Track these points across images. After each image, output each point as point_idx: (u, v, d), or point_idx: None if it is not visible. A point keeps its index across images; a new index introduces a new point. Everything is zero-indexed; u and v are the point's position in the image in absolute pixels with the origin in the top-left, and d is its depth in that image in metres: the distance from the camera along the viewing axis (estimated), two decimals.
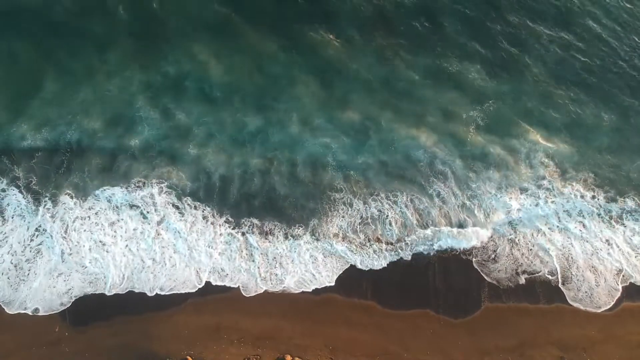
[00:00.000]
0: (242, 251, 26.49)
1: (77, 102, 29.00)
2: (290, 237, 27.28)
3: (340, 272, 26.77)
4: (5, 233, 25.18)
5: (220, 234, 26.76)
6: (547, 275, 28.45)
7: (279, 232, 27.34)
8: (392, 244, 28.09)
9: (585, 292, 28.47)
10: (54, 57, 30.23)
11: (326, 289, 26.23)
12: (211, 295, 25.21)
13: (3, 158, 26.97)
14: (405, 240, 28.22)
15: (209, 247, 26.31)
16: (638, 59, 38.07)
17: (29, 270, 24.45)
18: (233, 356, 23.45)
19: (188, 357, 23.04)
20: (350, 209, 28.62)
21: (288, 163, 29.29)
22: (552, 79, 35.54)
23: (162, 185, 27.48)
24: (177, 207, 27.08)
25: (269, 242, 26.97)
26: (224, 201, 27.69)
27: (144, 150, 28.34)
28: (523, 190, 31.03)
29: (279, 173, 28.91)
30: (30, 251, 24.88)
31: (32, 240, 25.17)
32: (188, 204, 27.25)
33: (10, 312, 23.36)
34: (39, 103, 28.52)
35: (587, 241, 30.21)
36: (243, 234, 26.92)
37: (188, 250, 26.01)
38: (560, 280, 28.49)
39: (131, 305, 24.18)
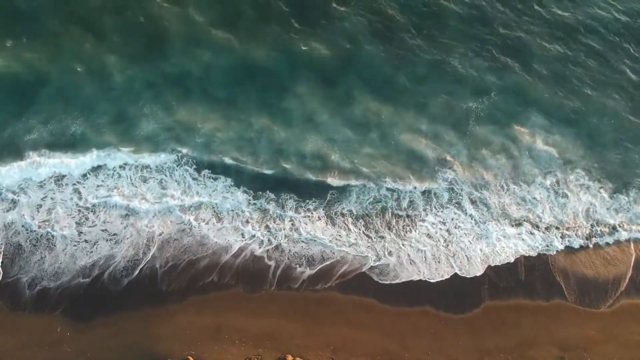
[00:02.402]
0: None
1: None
2: (301, 210, 27.97)
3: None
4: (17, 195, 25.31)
5: (240, 202, 27.49)
6: None
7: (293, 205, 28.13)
8: None
9: None
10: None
11: (326, 287, 26.34)
12: (212, 293, 25.17)
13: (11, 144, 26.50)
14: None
15: (236, 214, 27.15)
16: None
17: (42, 241, 24.67)
18: (234, 356, 23.53)
19: (189, 357, 23.13)
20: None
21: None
22: (555, 73, 35.47)
23: (179, 154, 27.66)
24: (195, 179, 27.38)
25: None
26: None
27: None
28: (530, 182, 31.20)
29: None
30: (45, 216, 25.01)
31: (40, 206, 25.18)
32: (207, 176, 27.60)
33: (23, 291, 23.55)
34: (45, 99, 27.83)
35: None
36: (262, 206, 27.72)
37: (216, 217, 26.88)
38: None
39: (133, 305, 24.14)
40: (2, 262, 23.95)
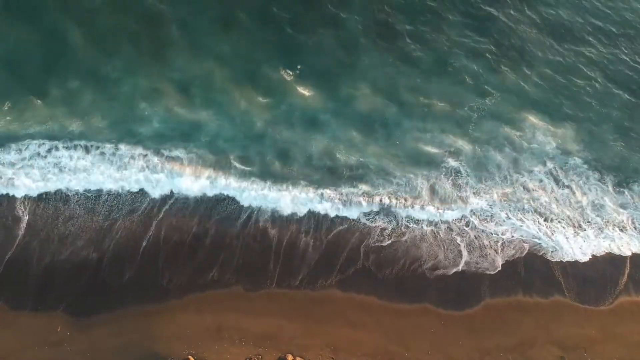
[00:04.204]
0: None
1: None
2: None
3: None
4: None
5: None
6: None
7: None
8: None
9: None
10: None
11: (326, 285, 26.33)
12: (212, 291, 25.12)
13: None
14: None
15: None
16: None
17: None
18: (234, 356, 23.55)
19: (190, 357, 23.16)
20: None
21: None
22: (557, 74, 35.34)
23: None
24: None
25: None
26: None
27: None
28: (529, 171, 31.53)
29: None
30: None
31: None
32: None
33: None
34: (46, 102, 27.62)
35: None
36: None
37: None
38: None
39: (133, 304, 24.09)
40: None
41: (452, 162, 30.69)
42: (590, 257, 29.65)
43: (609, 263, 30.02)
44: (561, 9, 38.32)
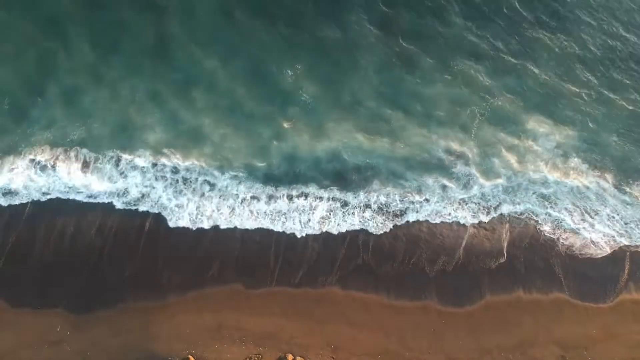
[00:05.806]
0: None
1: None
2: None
3: None
4: None
5: None
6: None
7: None
8: None
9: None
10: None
11: (326, 282, 26.26)
12: (212, 289, 25.04)
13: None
14: None
15: None
16: None
17: None
18: (234, 355, 23.53)
19: (190, 357, 23.14)
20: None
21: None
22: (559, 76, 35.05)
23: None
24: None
25: None
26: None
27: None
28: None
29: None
30: None
31: None
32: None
33: None
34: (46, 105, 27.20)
35: None
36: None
37: None
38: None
39: (133, 304, 24.02)
40: None
41: (456, 162, 30.61)
42: (609, 251, 29.96)
43: (609, 260, 29.95)
44: (562, 13, 37.94)
